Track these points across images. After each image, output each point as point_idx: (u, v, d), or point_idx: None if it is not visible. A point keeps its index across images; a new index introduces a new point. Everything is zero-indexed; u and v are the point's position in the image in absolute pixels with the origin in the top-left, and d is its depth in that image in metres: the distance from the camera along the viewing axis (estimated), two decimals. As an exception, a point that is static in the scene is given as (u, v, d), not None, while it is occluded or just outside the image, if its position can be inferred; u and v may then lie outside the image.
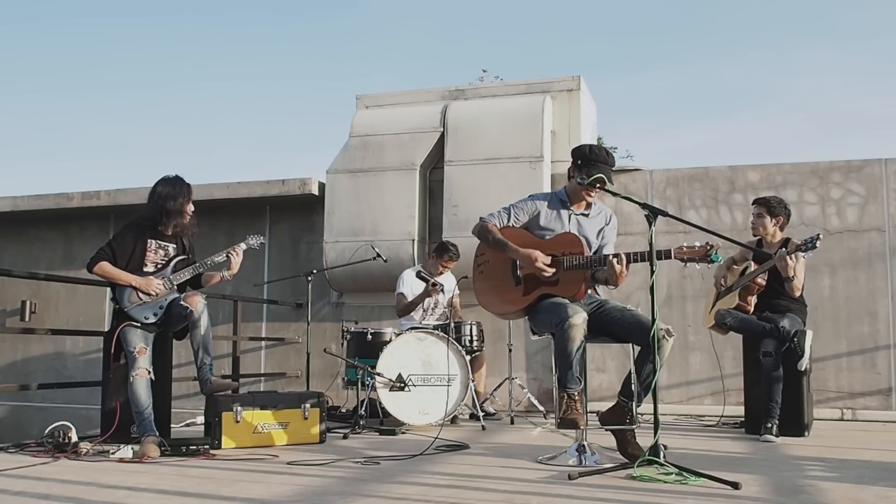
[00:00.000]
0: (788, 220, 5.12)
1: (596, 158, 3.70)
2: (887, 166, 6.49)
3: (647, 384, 3.48)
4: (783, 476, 3.33)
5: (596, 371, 6.73)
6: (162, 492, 3.00)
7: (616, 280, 3.54)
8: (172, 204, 4.33)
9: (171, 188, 4.37)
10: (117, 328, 4.26)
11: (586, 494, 2.95)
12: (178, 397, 5.75)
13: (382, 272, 6.78)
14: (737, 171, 6.83)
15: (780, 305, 4.95)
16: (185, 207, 4.38)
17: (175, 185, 4.38)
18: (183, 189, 4.39)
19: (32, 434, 6.43)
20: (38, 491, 3.01)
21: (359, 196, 7.39)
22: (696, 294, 6.68)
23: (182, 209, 4.37)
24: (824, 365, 6.31)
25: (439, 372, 5.21)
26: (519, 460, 3.75)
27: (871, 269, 6.42)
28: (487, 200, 6.29)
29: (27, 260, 8.75)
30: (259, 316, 7.97)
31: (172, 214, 4.34)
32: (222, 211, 7.88)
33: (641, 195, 6.92)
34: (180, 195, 4.36)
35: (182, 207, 4.37)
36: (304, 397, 4.49)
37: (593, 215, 3.88)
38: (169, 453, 3.92)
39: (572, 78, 7.47)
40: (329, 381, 6.89)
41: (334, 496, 2.93)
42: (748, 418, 5.05)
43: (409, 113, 7.67)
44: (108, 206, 8.30)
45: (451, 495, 2.98)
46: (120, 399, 4.21)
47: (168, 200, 4.33)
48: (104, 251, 4.31)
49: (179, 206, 4.35)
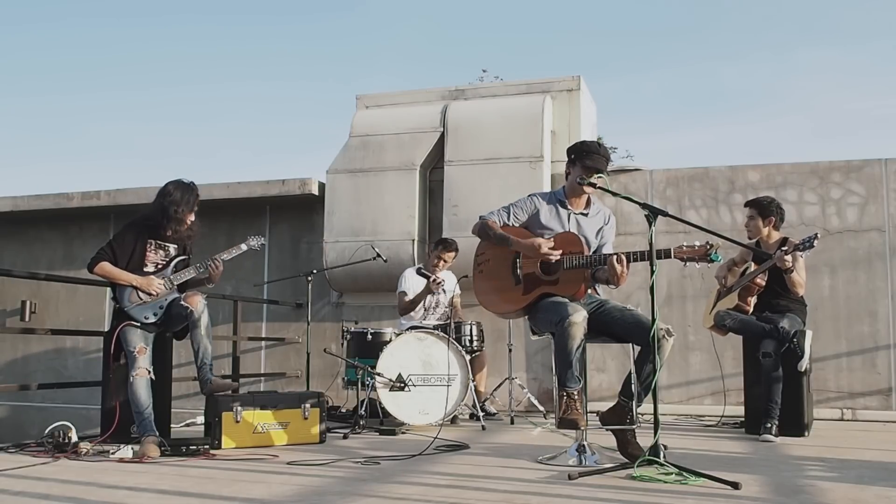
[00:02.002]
0: (783, 219, 5.11)
1: (591, 149, 3.71)
2: (887, 166, 6.49)
3: (647, 384, 3.48)
4: (783, 476, 3.33)
5: (596, 371, 6.73)
6: (162, 492, 3.00)
7: (617, 280, 3.54)
8: (174, 210, 4.32)
9: (179, 194, 4.35)
10: (117, 328, 4.26)
11: (586, 494, 2.95)
12: (178, 397, 5.75)
13: (382, 272, 6.78)
14: (737, 171, 6.83)
15: (779, 306, 4.95)
16: (185, 217, 4.37)
17: (184, 192, 4.36)
18: (189, 198, 4.37)
19: (32, 434, 6.44)
20: (38, 491, 3.01)
21: (359, 196, 7.39)
22: (696, 294, 6.68)
23: (182, 218, 4.35)
24: (824, 365, 6.31)
25: (439, 372, 5.21)
26: (519, 460, 3.75)
27: (871, 269, 6.42)
28: (487, 200, 6.29)
29: (27, 260, 8.75)
30: (259, 316, 7.96)
31: (172, 220, 4.34)
32: (222, 211, 7.87)
33: (641, 195, 6.92)
34: (184, 203, 4.35)
35: (182, 217, 4.35)
36: (304, 397, 4.49)
37: (592, 215, 3.88)
38: (169, 453, 3.92)
39: (572, 78, 7.47)
40: (329, 381, 6.89)
41: (334, 496, 2.93)
42: (748, 418, 5.05)
43: (409, 113, 7.67)
44: (108, 206, 8.30)
45: (451, 495, 2.98)
46: (120, 399, 4.21)
47: (172, 205, 4.32)
48: (105, 251, 4.31)
49: (181, 215, 4.34)
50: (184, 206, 4.35)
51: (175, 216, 4.33)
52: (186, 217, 4.38)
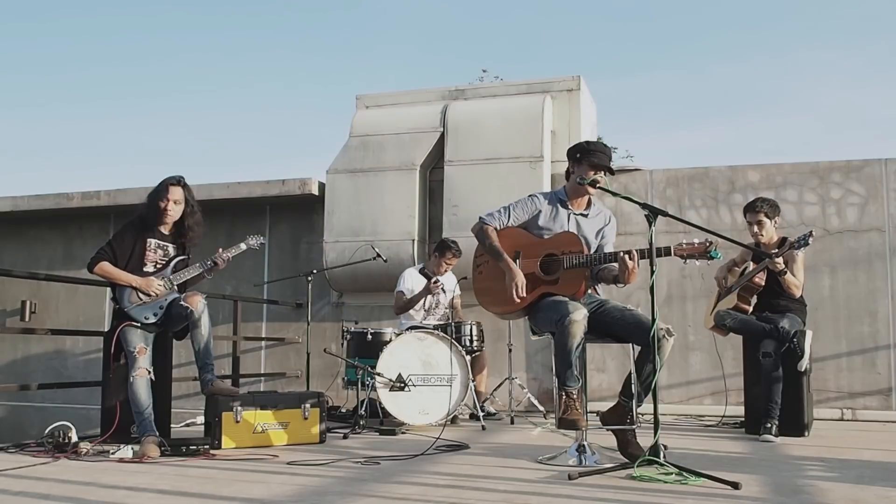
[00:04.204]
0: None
1: (596, 147, 3.72)
2: (887, 166, 6.49)
3: (647, 384, 3.47)
4: (783, 476, 3.33)
5: (596, 371, 6.73)
6: (162, 492, 3.00)
7: (628, 277, 3.53)
8: (151, 201, 4.38)
9: (157, 185, 4.41)
10: (117, 328, 4.26)
11: (586, 494, 2.95)
12: (178, 397, 5.74)
13: (382, 272, 6.78)
14: (737, 171, 6.83)
15: (779, 306, 4.95)
16: (162, 205, 4.35)
17: (159, 184, 4.41)
18: (160, 187, 4.39)
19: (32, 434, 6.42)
20: (38, 491, 3.01)
21: (359, 196, 7.39)
22: (696, 294, 6.68)
23: (158, 207, 4.35)
24: (824, 365, 6.31)
25: (439, 372, 5.21)
26: (519, 460, 3.75)
27: (871, 269, 6.42)
28: (487, 200, 6.28)
29: (27, 260, 8.74)
30: (259, 316, 7.96)
31: (157, 211, 4.35)
32: (222, 211, 7.87)
33: (641, 195, 6.91)
34: (158, 193, 4.38)
35: (157, 205, 4.35)
36: (304, 397, 4.49)
37: (592, 215, 3.87)
38: (169, 453, 3.92)
39: (572, 78, 7.47)
40: (329, 381, 6.89)
41: (334, 496, 2.93)
42: (748, 418, 5.04)
43: (409, 113, 7.66)
44: (108, 206, 8.30)
45: (451, 495, 2.98)
46: (120, 399, 4.20)
47: (154, 196, 4.37)
48: (104, 251, 4.31)
49: (160, 199, 4.36)
50: (156, 195, 4.37)
51: (151, 206, 4.36)
52: (162, 205, 4.34)
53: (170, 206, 4.37)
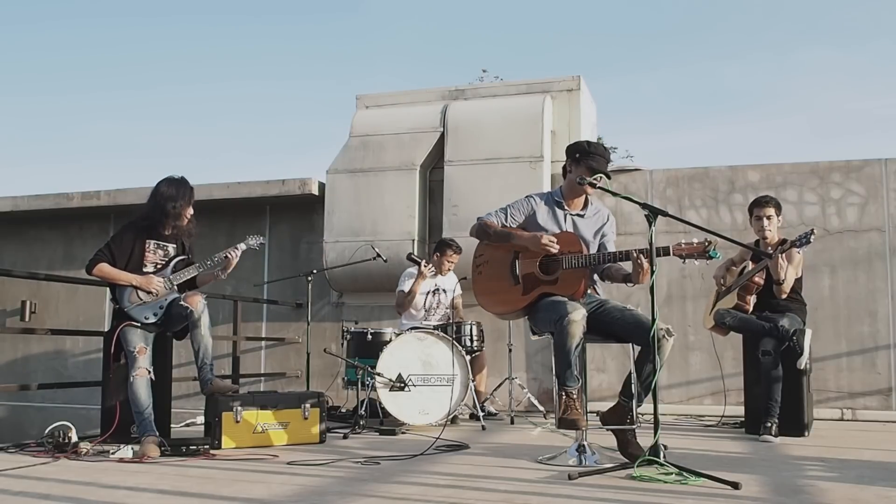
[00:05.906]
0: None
1: (596, 151, 3.71)
2: (887, 166, 6.49)
3: (647, 384, 3.47)
4: (783, 476, 3.33)
5: (596, 371, 6.73)
6: (162, 492, 3.00)
7: (642, 277, 3.52)
8: (172, 206, 4.32)
9: (173, 190, 4.35)
10: (117, 328, 4.26)
11: (586, 494, 2.95)
12: (178, 397, 5.74)
13: (382, 272, 6.78)
14: (737, 171, 6.83)
15: (779, 305, 4.95)
16: (183, 211, 4.36)
17: (178, 188, 4.36)
18: (184, 192, 4.37)
19: (32, 434, 6.43)
20: (38, 491, 3.01)
21: (359, 196, 7.39)
22: (696, 294, 6.68)
23: (181, 213, 4.35)
24: (824, 365, 6.31)
25: (439, 372, 5.21)
26: (519, 460, 3.75)
27: (871, 269, 6.42)
28: (487, 200, 6.28)
29: (27, 260, 8.75)
30: (259, 316, 7.97)
31: (170, 216, 4.34)
32: (222, 211, 7.88)
33: (641, 195, 6.91)
34: (181, 198, 4.34)
35: (181, 211, 4.35)
36: (304, 397, 4.49)
37: (589, 216, 3.87)
38: (169, 453, 3.92)
39: (572, 78, 7.47)
40: (329, 381, 6.89)
41: (334, 496, 2.93)
42: (748, 418, 5.05)
43: (409, 113, 7.66)
44: (108, 206, 8.31)
45: (451, 495, 2.98)
46: (120, 399, 4.20)
47: (168, 202, 4.32)
48: (103, 252, 4.30)
49: (179, 210, 4.33)
50: (180, 200, 4.35)
51: (173, 212, 4.33)
52: (184, 211, 4.37)
53: (189, 210, 4.38)
